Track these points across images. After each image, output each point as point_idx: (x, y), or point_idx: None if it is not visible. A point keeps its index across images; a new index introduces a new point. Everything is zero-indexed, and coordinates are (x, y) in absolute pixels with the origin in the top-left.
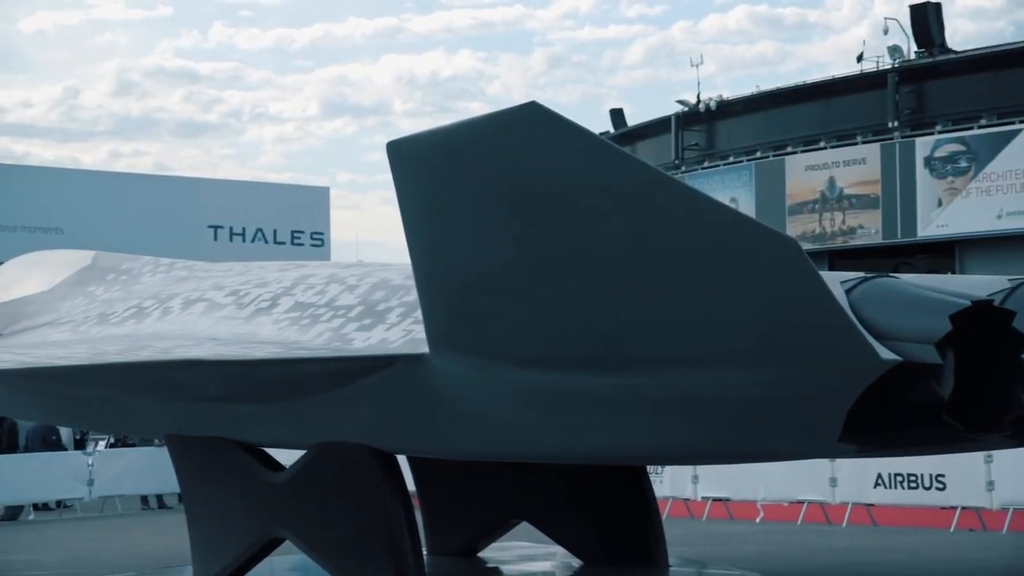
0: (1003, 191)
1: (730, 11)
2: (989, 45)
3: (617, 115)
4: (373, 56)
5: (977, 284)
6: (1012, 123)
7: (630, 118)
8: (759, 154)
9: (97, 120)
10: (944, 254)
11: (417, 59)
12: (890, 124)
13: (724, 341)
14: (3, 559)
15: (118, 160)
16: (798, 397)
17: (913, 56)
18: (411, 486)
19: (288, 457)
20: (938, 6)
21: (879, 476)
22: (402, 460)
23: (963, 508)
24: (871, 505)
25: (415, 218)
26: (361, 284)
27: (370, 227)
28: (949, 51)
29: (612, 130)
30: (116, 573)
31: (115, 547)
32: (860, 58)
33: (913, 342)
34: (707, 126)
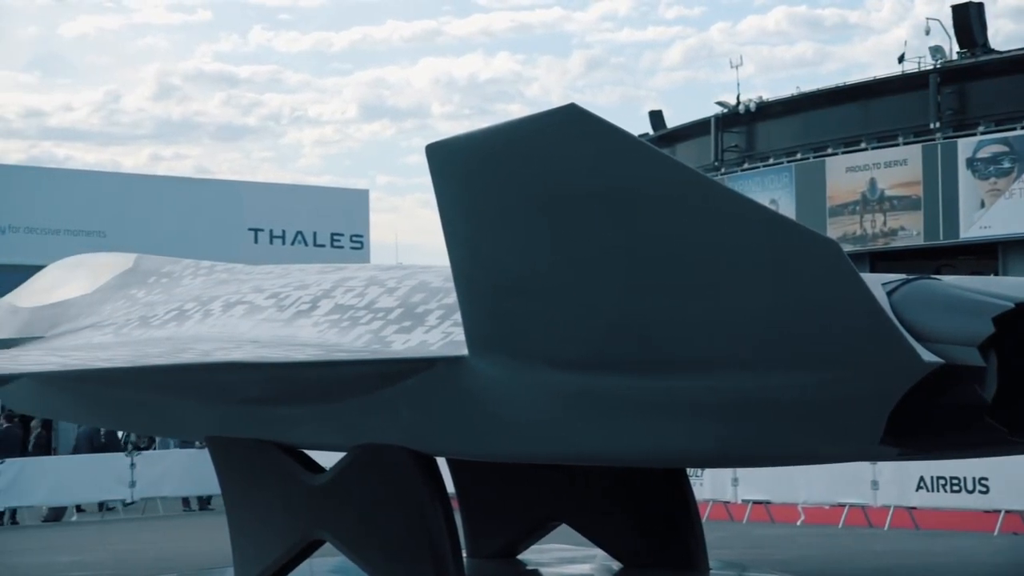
0: None
1: (769, 12)
2: None
3: (656, 117)
4: (411, 59)
5: (1020, 286)
6: None
7: (669, 120)
8: (799, 155)
9: (138, 124)
10: (987, 256)
11: (455, 62)
12: (932, 125)
13: (764, 343)
14: (47, 560)
15: (159, 163)
16: (839, 399)
17: (955, 56)
18: (451, 488)
19: (327, 459)
20: (980, 6)
21: (921, 479)
22: (441, 462)
23: (1007, 511)
24: (913, 508)
25: (454, 220)
26: (400, 286)
27: (409, 229)
28: (991, 51)
29: (651, 132)
30: (158, 574)
31: (156, 548)
32: (902, 59)
33: (956, 344)
34: (747, 128)
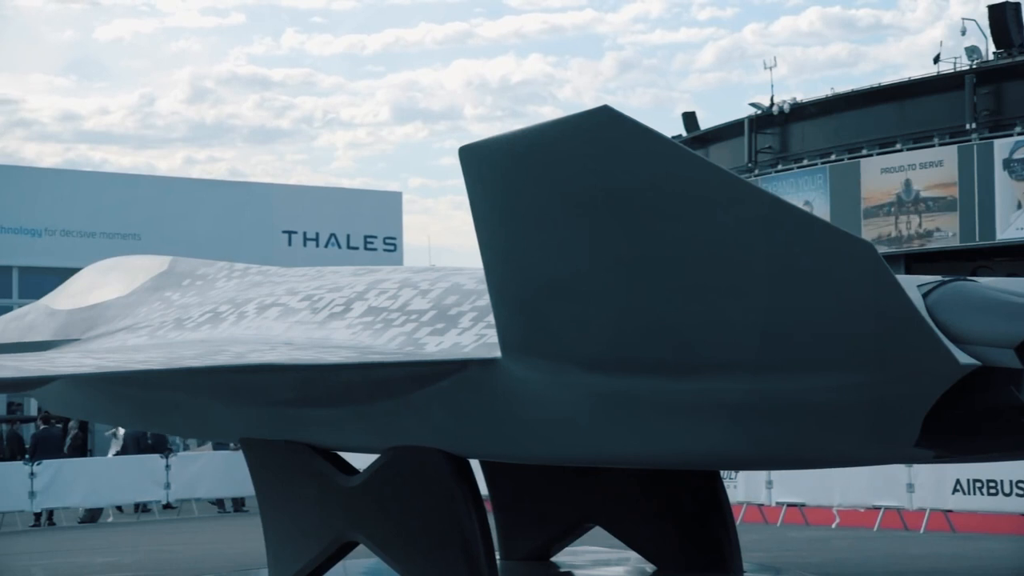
0: None
1: (802, 13)
2: None
3: (690, 118)
4: (444, 61)
5: None
6: None
7: (702, 121)
8: (834, 157)
9: (172, 127)
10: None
11: (488, 64)
12: (968, 126)
13: (799, 346)
14: (83, 561)
15: (193, 166)
16: (874, 402)
17: (991, 57)
18: (484, 490)
19: (360, 460)
20: (1017, 6)
21: (958, 482)
22: (475, 464)
23: None
24: (949, 511)
25: (487, 222)
26: (433, 288)
27: (442, 231)
28: None
29: (684, 133)
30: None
31: (191, 550)
32: (937, 59)
33: (992, 346)
34: (781, 129)
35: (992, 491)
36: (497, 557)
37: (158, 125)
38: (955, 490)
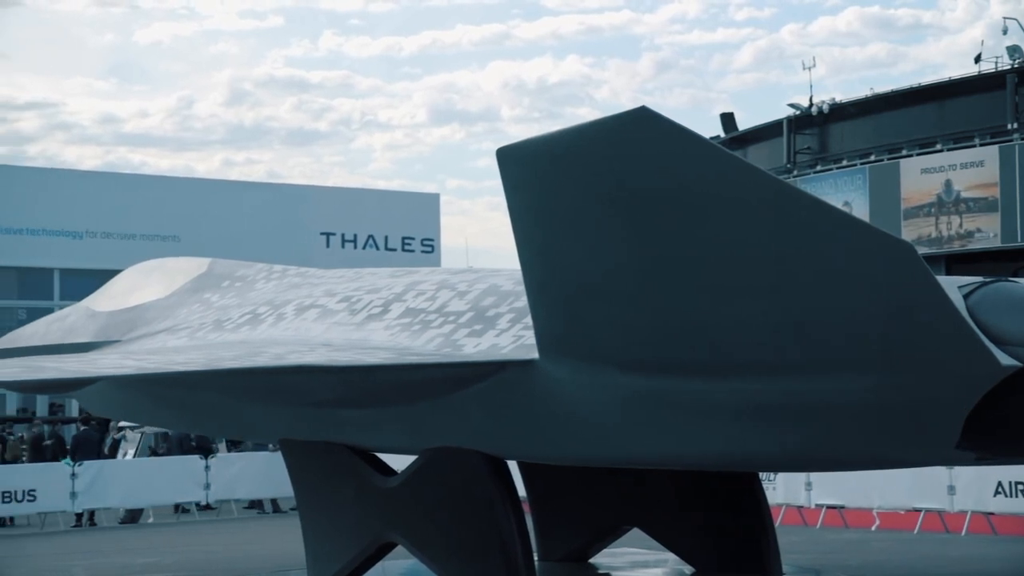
0: None
1: (841, 13)
2: None
3: (728, 119)
4: (481, 63)
5: None
6: None
7: (740, 122)
8: (873, 157)
9: (211, 129)
10: None
11: (525, 65)
12: (1009, 126)
13: (839, 347)
14: (123, 561)
15: (231, 169)
16: (914, 403)
17: None
18: (522, 491)
19: (398, 461)
20: None
21: (999, 484)
22: (513, 465)
23: None
24: (991, 514)
25: (525, 224)
26: (471, 290)
27: (479, 233)
28: None
29: (722, 134)
30: None
31: (231, 550)
32: (978, 59)
33: None
34: (820, 129)
35: None
36: (535, 558)
37: (197, 127)
38: (997, 492)
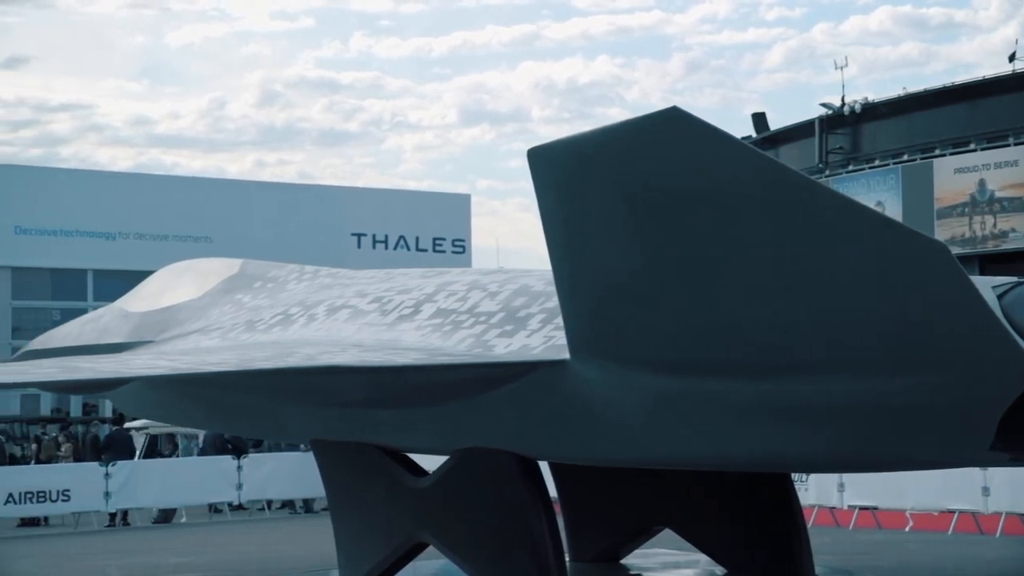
0: None
1: (872, 12)
2: None
3: (759, 119)
4: (511, 63)
5: None
6: None
7: (771, 122)
8: (906, 157)
9: (242, 130)
10: None
11: (555, 66)
12: None
13: (871, 347)
14: (156, 561)
15: (263, 170)
16: (947, 404)
17: None
18: (553, 492)
19: (429, 461)
20: None
21: None
22: (544, 466)
23: None
24: None
25: (556, 224)
26: (502, 290)
27: (509, 234)
28: None
29: (754, 134)
30: None
31: (263, 550)
32: (1012, 57)
33: None
34: (852, 129)
35: None
36: (566, 559)
37: (228, 129)
38: None
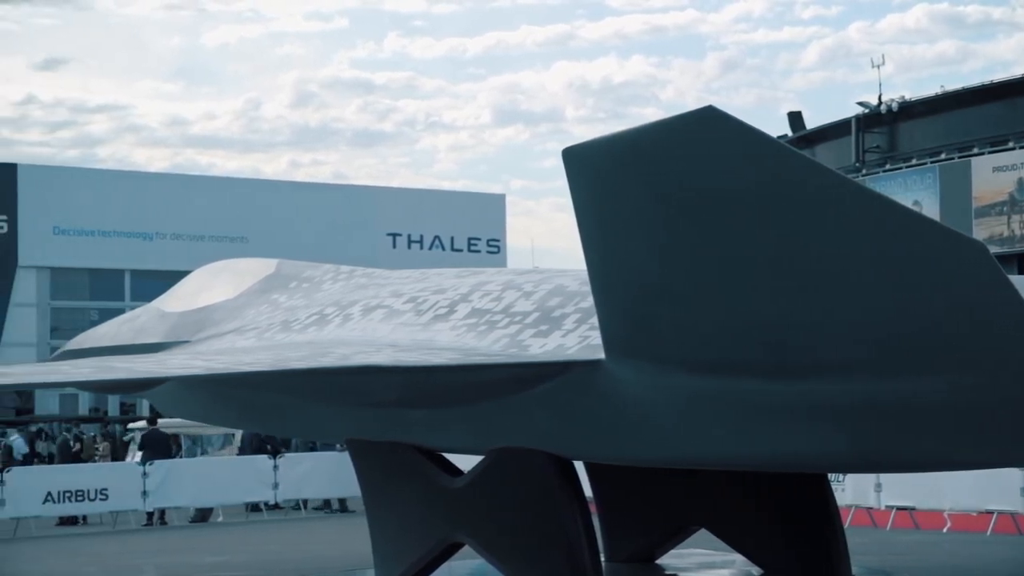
0: None
1: (909, 10)
2: None
3: (795, 118)
4: (545, 63)
5: None
6: None
7: (807, 121)
8: (944, 156)
9: (277, 131)
10: None
11: (589, 65)
12: None
13: (907, 347)
14: (193, 560)
15: (298, 170)
16: (986, 404)
17: None
18: (588, 492)
19: (464, 461)
20: None
21: None
22: (579, 466)
23: None
24: None
25: (591, 224)
26: (537, 290)
27: (544, 233)
28: None
29: (790, 133)
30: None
31: (299, 549)
32: None
33: None
34: (889, 128)
35: None
36: (601, 559)
37: (263, 129)
38: None
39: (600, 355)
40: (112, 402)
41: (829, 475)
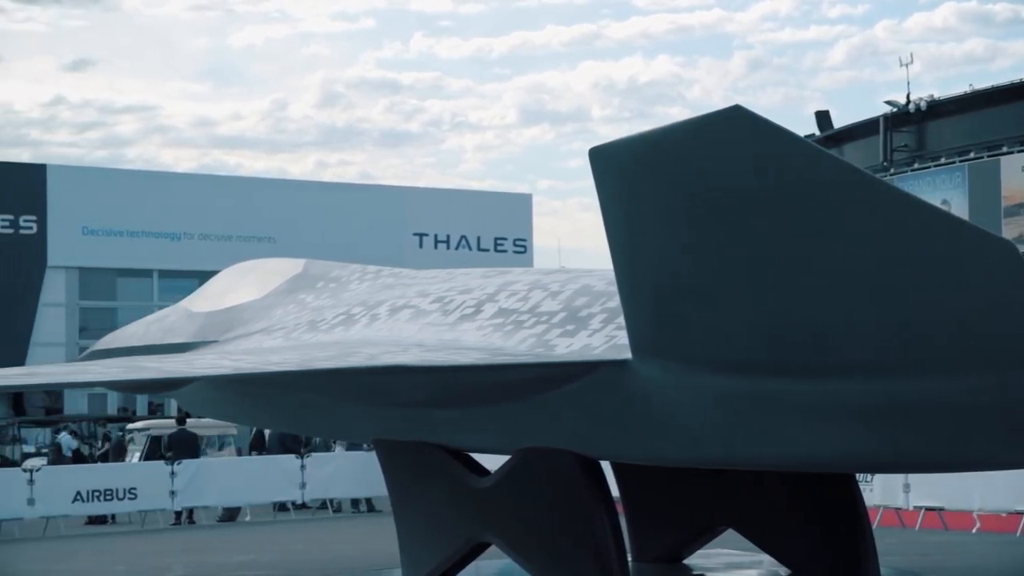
0: None
1: (936, 8)
2: None
3: (823, 117)
4: (571, 63)
5: None
6: None
7: (834, 120)
8: (972, 155)
9: (304, 131)
10: None
11: (615, 65)
12: None
13: (936, 347)
14: (221, 559)
15: (324, 170)
16: (1016, 404)
17: None
18: (615, 491)
19: (491, 461)
20: None
21: None
22: (606, 466)
23: None
24: None
25: (617, 224)
26: (564, 290)
27: (570, 233)
28: None
29: (817, 132)
30: (328, 575)
31: (326, 549)
32: None
33: None
34: (917, 127)
35: None
36: (628, 558)
37: (290, 129)
38: None
39: (627, 355)
40: (140, 402)
41: (857, 475)
